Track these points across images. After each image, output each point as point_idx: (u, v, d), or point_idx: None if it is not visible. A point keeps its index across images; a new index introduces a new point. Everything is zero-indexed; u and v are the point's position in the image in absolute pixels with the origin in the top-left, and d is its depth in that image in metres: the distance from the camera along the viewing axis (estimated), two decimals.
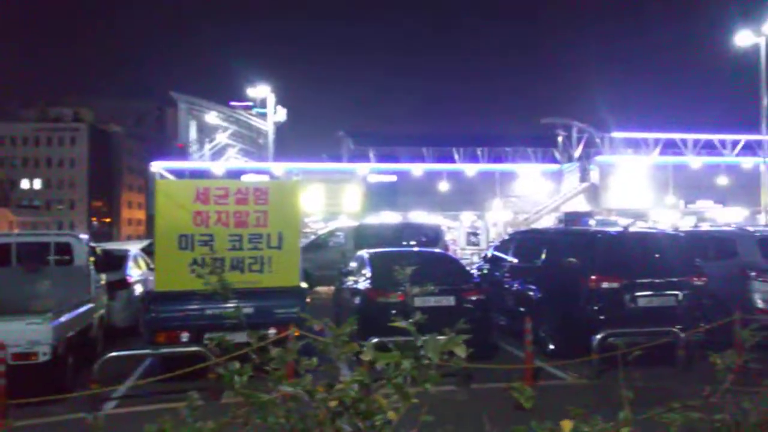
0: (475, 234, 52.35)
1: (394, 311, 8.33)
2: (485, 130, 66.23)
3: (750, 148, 40.51)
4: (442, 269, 9.57)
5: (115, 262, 11.19)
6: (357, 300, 9.27)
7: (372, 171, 43.56)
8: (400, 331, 3.03)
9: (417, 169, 44.32)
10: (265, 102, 49.93)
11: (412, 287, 2.37)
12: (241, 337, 1.78)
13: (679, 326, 7.96)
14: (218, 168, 41.85)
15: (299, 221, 8.76)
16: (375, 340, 7.49)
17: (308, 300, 8.38)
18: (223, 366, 1.50)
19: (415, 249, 13.22)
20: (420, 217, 41.28)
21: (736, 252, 10.24)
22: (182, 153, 46.94)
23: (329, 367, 1.69)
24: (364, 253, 10.30)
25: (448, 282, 8.89)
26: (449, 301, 8.65)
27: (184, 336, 7.61)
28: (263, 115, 50.37)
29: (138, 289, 11.34)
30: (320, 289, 17.17)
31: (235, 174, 37.25)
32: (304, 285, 8.43)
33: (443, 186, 44.05)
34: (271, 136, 48.63)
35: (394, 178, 43.42)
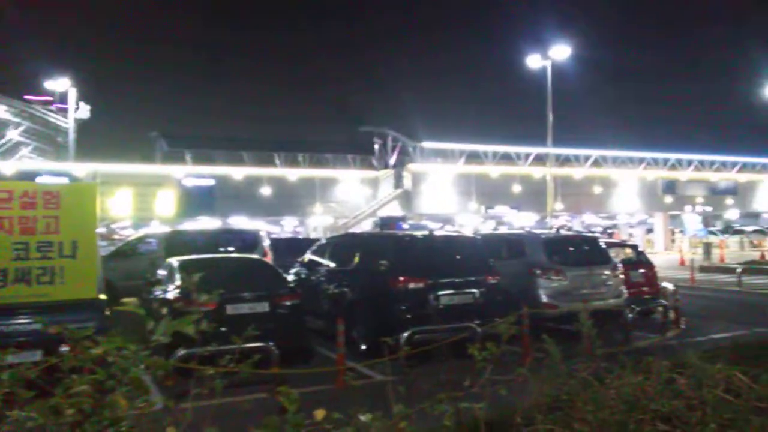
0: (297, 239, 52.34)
1: (205, 320, 8.06)
2: (306, 135, 66.77)
3: (540, 160, 45.38)
4: (256, 275, 9.48)
5: None
6: (165, 311, 8.81)
7: (188, 174, 41.68)
8: (212, 341, 2.91)
9: (237, 172, 43.28)
10: (66, 97, 45.48)
11: (200, 294, 2.32)
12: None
13: (476, 321, 8.66)
14: (8, 168, 37.27)
15: (96, 227, 8.09)
16: (183, 352, 7.14)
17: (108, 313, 7.78)
18: None
19: (229, 255, 12.91)
20: (240, 222, 40.37)
21: (525, 252, 11.42)
22: None
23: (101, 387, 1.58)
24: (173, 260, 9.84)
25: (262, 288, 8.82)
26: (263, 307, 8.57)
27: None
28: (65, 111, 45.81)
29: None
30: (128, 300, 16.06)
31: (29, 176, 33.42)
32: (103, 297, 7.82)
33: (265, 191, 43.52)
34: (72, 135, 44.39)
35: (211, 182, 41.93)
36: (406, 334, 8.07)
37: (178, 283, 8.85)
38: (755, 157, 58.13)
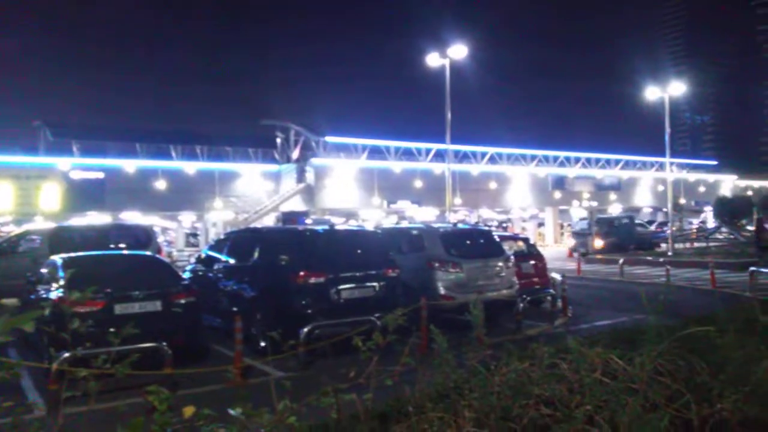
0: (195, 235, 50.76)
1: (91, 321, 7.64)
2: (205, 128, 64.68)
3: (440, 156, 46.51)
4: (148, 273, 9.09)
5: None
6: (47, 312, 8.25)
7: (75, 166, 39.22)
8: (98, 343, 2.77)
9: (129, 165, 41.18)
10: None
11: (71, 293, 2.19)
12: None
13: (377, 314, 8.74)
14: None
15: None
16: (66, 354, 6.71)
17: None
18: None
19: (118, 252, 12.31)
20: (133, 217, 38.57)
21: (424, 246, 11.66)
22: None
23: None
24: (57, 258, 9.24)
25: (154, 286, 8.47)
26: (155, 306, 8.24)
27: None
28: None
29: None
30: (8, 301, 14.95)
31: None
32: None
33: (160, 184, 41.72)
34: None
35: (101, 174, 39.69)
36: (306, 330, 8.03)
37: (61, 282, 8.31)
38: (636, 156, 62.70)
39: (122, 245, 15.00)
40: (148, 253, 11.89)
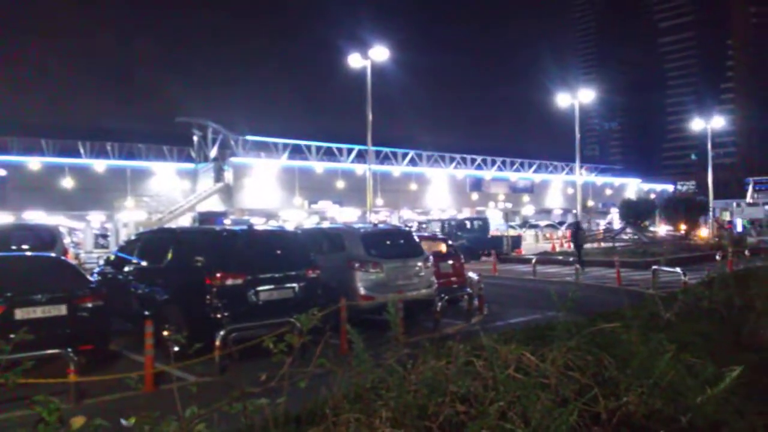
0: (104, 236, 48.51)
1: None
2: (116, 124, 61.98)
3: (361, 156, 46.69)
4: (52, 276, 8.57)
5: None
6: None
7: None
8: None
9: (33, 162, 38.86)
10: None
11: None
12: None
13: (296, 316, 8.61)
14: None
15: None
16: None
17: None
18: None
19: (20, 254, 11.58)
20: (37, 217, 36.50)
21: (344, 246, 11.62)
22: None
23: None
24: None
25: (59, 289, 8.01)
26: (60, 310, 7.78)
27: None
28: None
29: None
30: None
31: None
32: None
33: (67, 182, 39.58)
34: None
35: (3, 172, 37.30)
36: (222, 333, 7.81)
37: None
38: (548, 160, 65.34)
39: (25, 246, 14.20)
40: (53, 254, 11.24)
